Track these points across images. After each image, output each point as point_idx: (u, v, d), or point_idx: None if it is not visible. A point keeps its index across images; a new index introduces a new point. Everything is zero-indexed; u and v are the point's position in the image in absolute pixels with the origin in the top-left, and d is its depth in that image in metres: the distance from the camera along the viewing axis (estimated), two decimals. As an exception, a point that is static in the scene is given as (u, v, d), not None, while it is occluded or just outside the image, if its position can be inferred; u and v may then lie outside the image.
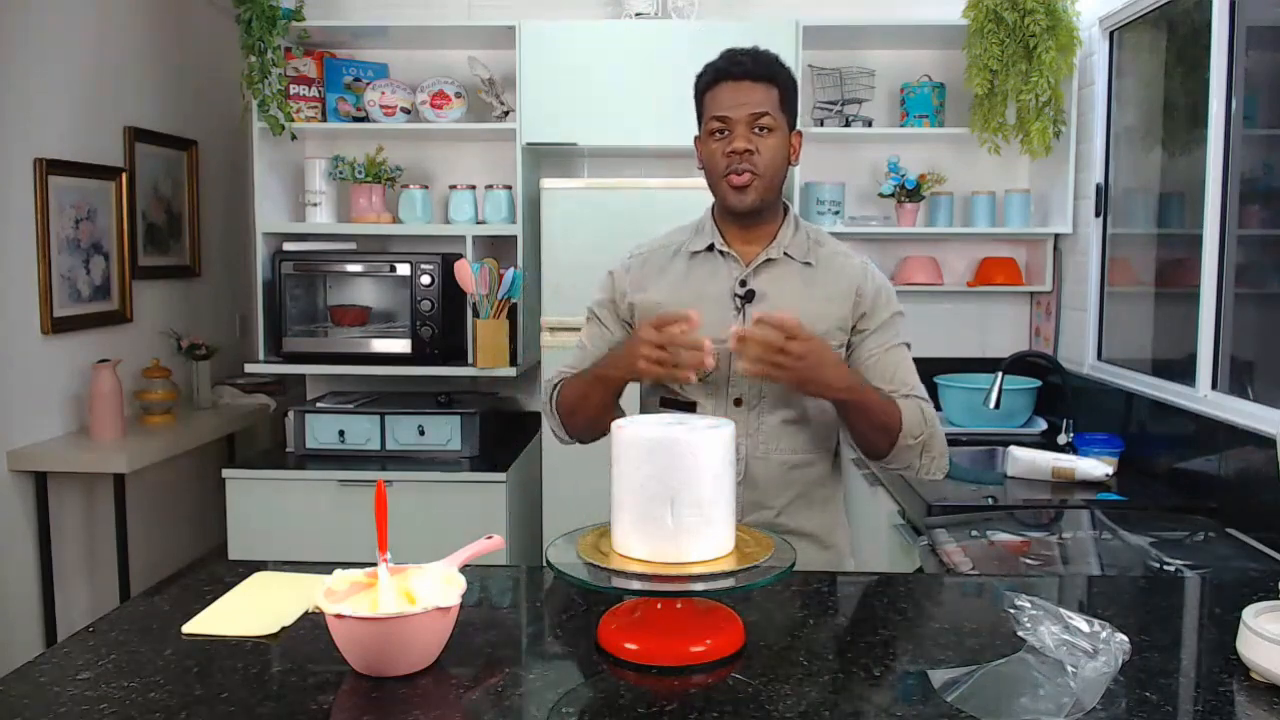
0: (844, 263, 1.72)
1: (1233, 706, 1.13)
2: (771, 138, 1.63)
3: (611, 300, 1.78)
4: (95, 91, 3.23)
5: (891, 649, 1.29)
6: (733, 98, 1.62)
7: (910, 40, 3.45)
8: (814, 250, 1.72)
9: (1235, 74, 2.42)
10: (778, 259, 1.69)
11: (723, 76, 1.64)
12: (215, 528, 3.49)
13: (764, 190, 1.64)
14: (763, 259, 1.69)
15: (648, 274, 1.74)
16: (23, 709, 1.12)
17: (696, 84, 1.70)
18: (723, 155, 1.63)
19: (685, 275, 1.72)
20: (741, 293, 1.67)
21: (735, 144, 1.61)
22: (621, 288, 1.76)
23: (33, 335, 2.95)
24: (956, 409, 3.24)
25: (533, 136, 3.22)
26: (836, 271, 1.70)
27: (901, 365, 1.69)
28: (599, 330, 1.79)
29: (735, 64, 1.63)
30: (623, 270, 1.78)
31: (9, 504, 2.89)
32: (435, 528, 2.92)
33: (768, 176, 1.64)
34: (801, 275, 1.69)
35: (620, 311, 1.77)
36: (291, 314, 3.28)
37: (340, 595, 1.24)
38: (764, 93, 1.63)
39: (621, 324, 1.77)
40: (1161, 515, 2.34)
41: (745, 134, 1.61)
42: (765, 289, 1.67)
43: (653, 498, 1.21)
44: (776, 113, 1.64)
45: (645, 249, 1.79)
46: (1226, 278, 2.45)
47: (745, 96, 1.62)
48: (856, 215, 3.50)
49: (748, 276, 1.68)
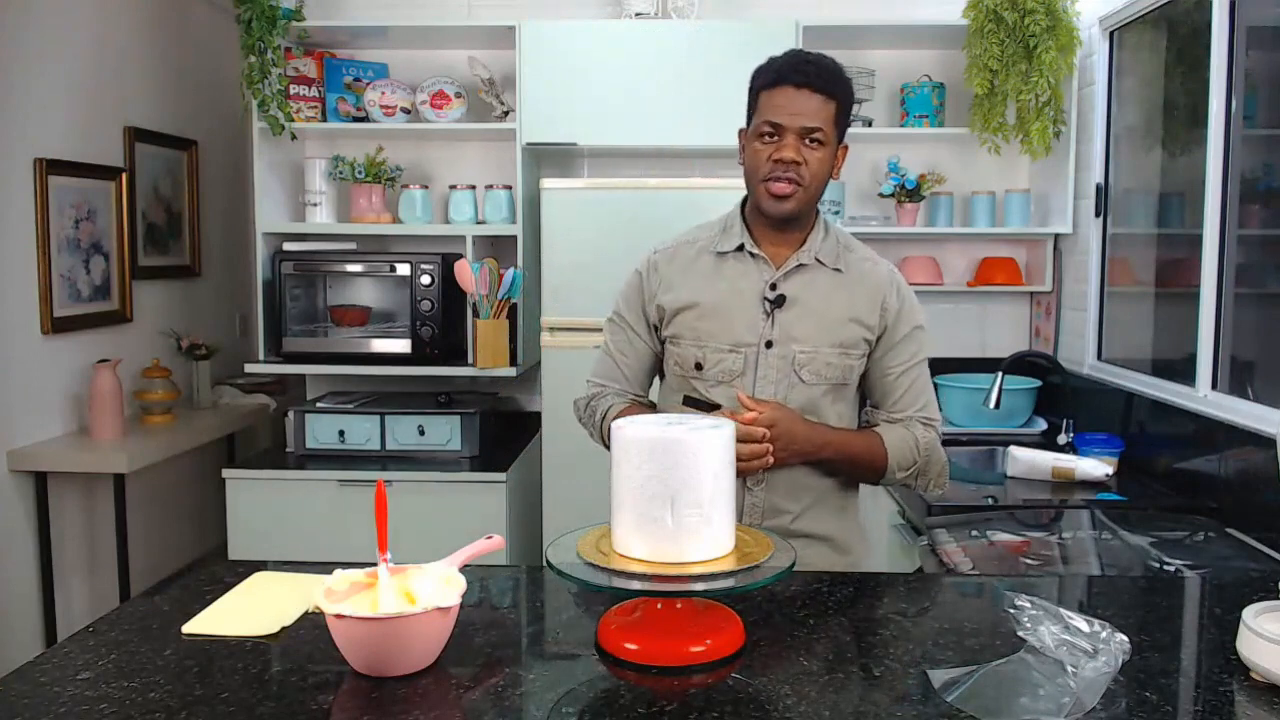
0: (872, 270, 1.71)
1: (1233, 706, 1.13)
2: (821, 150, 1.61)
3: (640, 304, 1.74)
4: (95, 91, 3.23)
5: (891, 649, 1.29)
6: (790, 104, 1.58)
7: (910, 40, 3.45)
8: (844, 256, 1.70)
9: (1235, 74, 2.42)
10: (808, 264, 1.67)
11: (784, 80, 1.59)
12: (215, 528, 3.50)
13: (804, 202, 1.63)
14: (794, 264, 1.67)
15: (674, 272, 1.71)
16: (23, 709, 1.12)
17: (754, 79, 1.66)
18: (769, 160, 1.60)
19: (713, 273, 1.69)
20: (772, 296, 1.66)
21: (784, 153, 1.59)
22: (651, 289, 1.73)
23: (33, 335, 2.95)
24: (956, 409, 3.24)
25: (533, 136, 3.22)
26: (864, 279, 1.69)
27: (912, 387, 1.70)
28: (627, 338, 1.76)
29: (799, 70, 1.59)
30: (650, 269, 1.74)
31: (9, 504, 2.89)
32: (435, 528, 2.92)
33: (810, 189, 1.62)
34: (831, 281, 1.68)
35: (649, 315, 1.74)
36: (291, 314, 3.28)
37: (340, 595, 1.24)
38: (821, 105, 1.59)
39: (650, 329, 1.75)
40: (1161, 515, 2.34)
41: (795, 144, 1.59)
42: (796, 293, 1.66)
43: (653, 498, 1.21)
44: (830, 127, 1.61)
45: (670, 246, 1.76)
46: (1226, 278, 2.45)
47: (803, 106, 1.58)
48: (856, 215, 3.50)
49: (778, 280, 1.66)
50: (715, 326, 1.66)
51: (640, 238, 1.81)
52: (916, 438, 1.68)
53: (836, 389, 1.68)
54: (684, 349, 1.69)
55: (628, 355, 1.76)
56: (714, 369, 1.66)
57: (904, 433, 1.68)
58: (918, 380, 1.70)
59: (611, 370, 1.77)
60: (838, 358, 1.66)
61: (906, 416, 1.70)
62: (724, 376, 1.66)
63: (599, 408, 1.76)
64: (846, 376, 1.68)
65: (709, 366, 1.67)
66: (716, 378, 1.66)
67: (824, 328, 1.65)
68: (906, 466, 1.67)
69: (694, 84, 3.16)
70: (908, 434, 1.68)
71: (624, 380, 1.77)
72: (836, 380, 1.67)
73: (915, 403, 1.70)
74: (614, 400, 1.75)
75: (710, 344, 1.66)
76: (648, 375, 1.80)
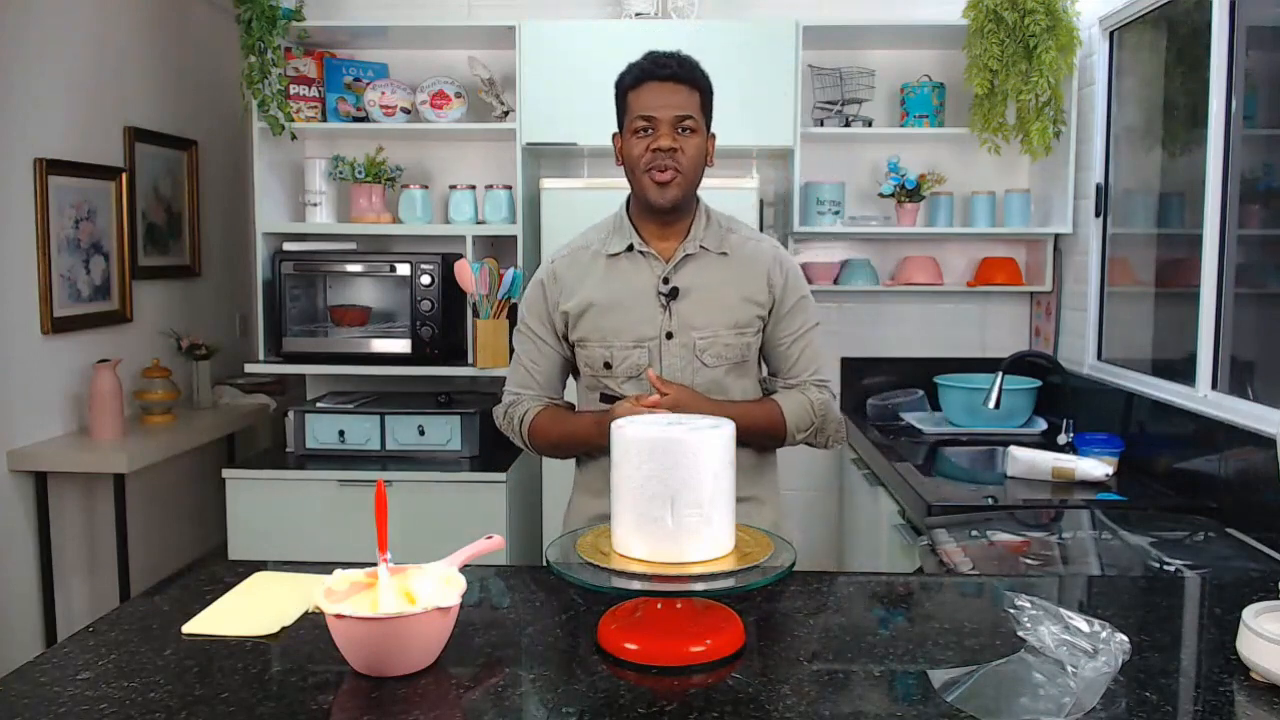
0: (755, 249, 1.81)
1: (1233, 706, 1.13)
2: (694, 138, 1.71)
3: (546, 312, 1.82)
4: (95, 91, 3.23)
5: (891, 649, 1.29)
6: (659, 98, 1.69)
7: (910, 40, 3.45)
8: (727, 239, 1.80)
9: (1235, 74, 2.42)
10: (695, 253, 1.77)
11: (648, 77, 1.71)
12: (215, 528, 3.49)
13: (685, 187, 1.72)
14: (681, 254, 1.76)
15: (573, 279, 1.80)
16: (23, 709, 1.12)
17: (619, 82, 1.77)
18: (647, 152, 1.70)
19: (608, 276, 1.78)
20: (666, 290, 1.75)
21: (661, 141, 1.68)
22: (554, 297, 1.81)
23: (33, 335, 2.95)
24: (956, 409, 3.24)
25: (533, 136, 3.22)
26: (750, 259, 1.79)
27: (804, 354, 1.81)
28: (536, 348, 1.84)
29: (661, 66, 1.71)
30: (550, 278, 1.83)
31: (9, 504, 2.89)
32: (435, 528, 2.92)
33: (689, 174, 1.72)
34: (719, 266, 1.78)
35: (555, 323, 1.82)
36: (291, 314, 3.28)
37: (340, 595, 1.24)
38: (687, 95, 1.70)
39: (558, 337, 1.83)
40: (1161, 515, 2.34)
41: (670, 133, 1.69)
42: (688, 284, 1.76)
43: (653, 498, 1.21)
44: (698, 115, 1.72)
45: (565, 253, 1.85)
46: (1226, 278, 2.45)
47: (670, 98, 1.69)
48: (856, 215, 3.50)
49: (669, 274, 1.76)
50: (618, 325, 1.76)
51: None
52: (811, 400, 1.79)
53: (738, 366, 1.79)
54: (591, 350, 1.78)
55: (539, 363, 1.84)
56: (622, 365, 1.76)
57: (800, 397, 1.79)
58: (808, 347, 1.82)
59: (525, 379, 1.85)
60: (735, 338, 1.76)
61: (800, 381, 1.81)
62: (632, 371, 1.76)
63: (515, 414, 1.84)
64: (745, 354, 1.79)
65: (617, 364, 1.76)
66: (626, 373, 1.76)
67: (719, 311, 1.76)
68: (804, 428, 1.79)
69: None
70: (803, 398, 1.79)
71: (538, 387, 1.85)
72: (736, 359, 1.78)
73: (808, 368, 1.82)
74: (529, 405, 1.83)
75: (615, 342, 1.76)
76: (560, 379, 1.88)
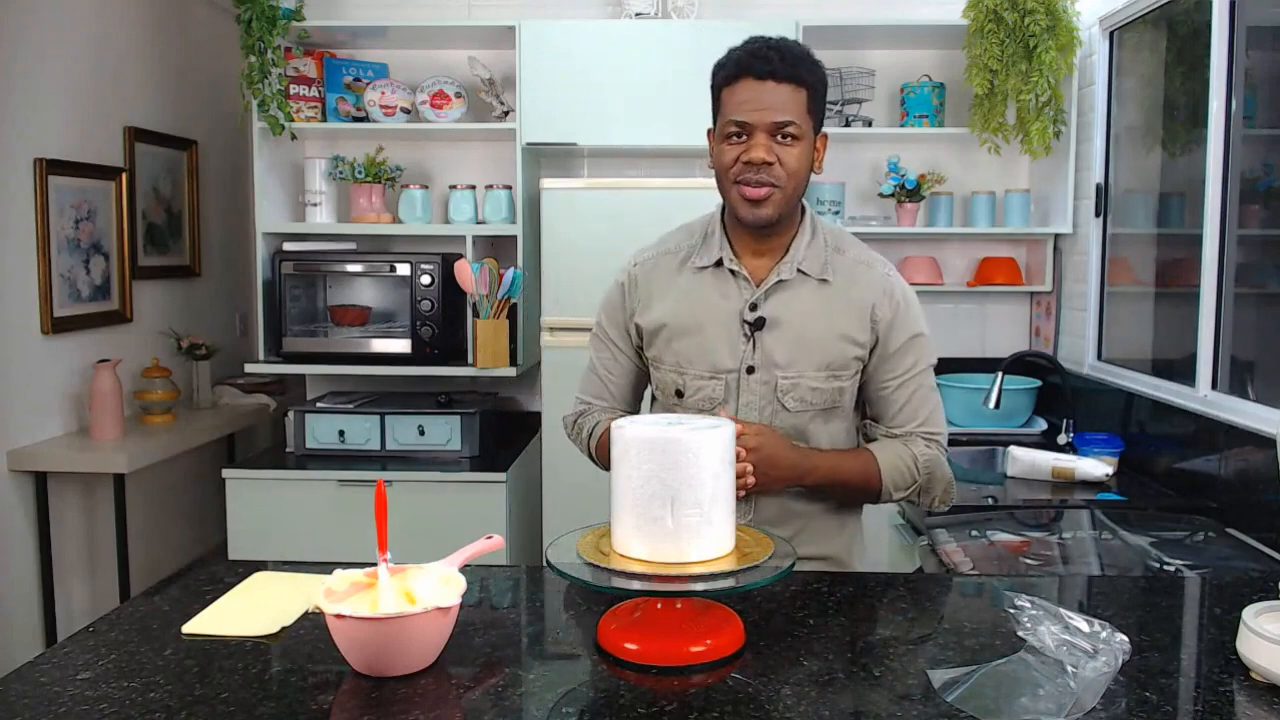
0: (864, 276, 1.57)
1: (1233, 706, 1.13)
2: (795, 146, 1.48)
3: (623, 320, 1.66)
4: (95, 91, 3.23)
5: (891, 649, 1.29)
6: (755, 100, 1.46)
7: (910, 40, 3.45)
8: (832, 261, 1.58)
9: (1235, 74, 2.42)
10: (789, 279, 1.55)
11: (746, 73, 1.47)
12: (215, 528, 3.50)
13: (782, 204, 1.50)
14: (775, 279, 1.55)
15: (653, 288, 1.62)
16: (23, 709, 1.11)
17: (715, 75, 1.54)
18: (738, 162, 1.48)
19: (691, 292, 1.59)
20: (751, 319, 1.55)
21: (754, 153, 1.46)
22: (631, 305, 1.65)
23: (33, 335, 2.95)
24: (956, 409, 3.24)
25: (533, 136, 3.22)
26: (854, 289, 1.56)
27: (911, 400, 1.58)
28: (612, 356, 1.68)
29: (760, 60, 1.46)
30: (630, 282, 1.65)
31: (9, 504, 2.89)
32: (435, 528, 2.92)
33: (788, 189, 1.49)
34: (816, 296, 1.56)
35: (631, 333, 1.66)
36: (291, 314, 3.28)
37: (340, 595, 1.24)
38: (790, 96, 1.46)
39: (634, 348, 1.67)
40: (1161, 515, 2.34)
41: (766, 143, 1.46)
42: (777, 314, 1.55)
43: (653, 498, 1.21)
44: (803, 118, 1.47)
45: (650, 256, 1.66)
46: (1226, 278, 2.44)
47: (769, 100, 1.45)
48: (856, 215, 3.50)
49: (758, 300, 1.55)
50: (694, 351, 1.57)
51: (640, 238, 1.80)
52: (915, 455, 1.57)
53: (825, 412, 1.58)
54: (664, 374, 1.61)
55: (613, 372, 1.68)
56: (694, 396, 1.58)
57: (902, 450, 1.57)
58: (917, 393, 1.58)
59: (598, 388, 1.69)
60: (824, 382, 1.55)
61: (906, 432, 1.59)
62: (704, 404, 1.57)
63: (585, 425, 1.69)
64: (835, 400, 1.57)
65: (689, 394, 1.58)
66: (698, 405, 1.57)
67: (808, 350, 1.54)
68: (904, 487, 1.57)
69: (694, 84, 3.10)
70: (906, 451, 1.57)
71: (610, 398, 1.69)
72: (823, 405, 1.57)
73: (915, 417, 1.58)
74: (600, 417, 1.67)
75: (689, 370, 1.58)
76: (635, 391, 1.71)
